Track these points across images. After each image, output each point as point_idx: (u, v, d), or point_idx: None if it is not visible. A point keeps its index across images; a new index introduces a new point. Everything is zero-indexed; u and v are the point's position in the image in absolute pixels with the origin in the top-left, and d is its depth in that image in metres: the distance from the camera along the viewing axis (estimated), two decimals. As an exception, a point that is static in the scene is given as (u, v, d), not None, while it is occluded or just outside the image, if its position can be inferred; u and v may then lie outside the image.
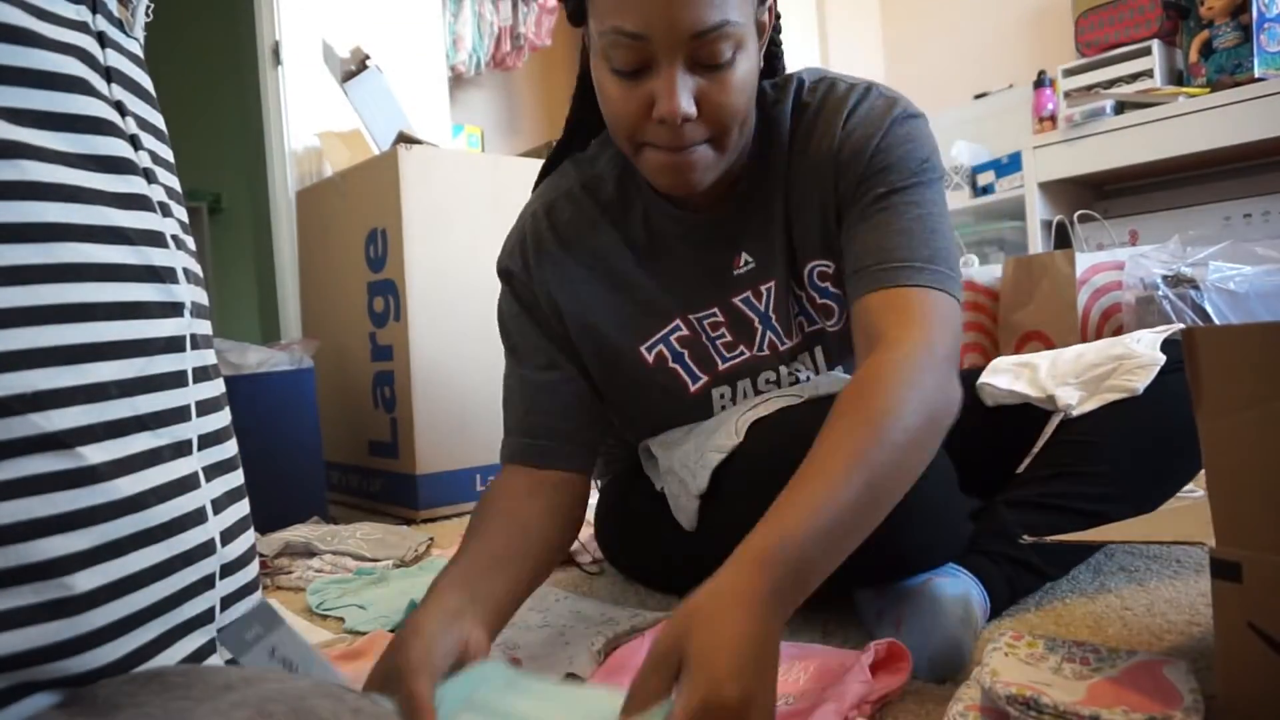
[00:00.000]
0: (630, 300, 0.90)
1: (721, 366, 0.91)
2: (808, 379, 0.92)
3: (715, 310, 0.90)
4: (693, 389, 0.91)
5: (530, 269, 0.90)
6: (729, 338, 0.90)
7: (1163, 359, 0.93)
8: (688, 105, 0.73)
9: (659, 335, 0.90)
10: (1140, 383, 0.92)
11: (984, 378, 1.03)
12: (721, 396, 0.92)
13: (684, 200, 0.88)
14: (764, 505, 0.60)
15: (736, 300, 0.90)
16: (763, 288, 0.89)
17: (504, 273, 0.93)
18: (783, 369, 0.92)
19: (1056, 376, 0.99)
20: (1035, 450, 0.95)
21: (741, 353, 0.91)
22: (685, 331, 0.90)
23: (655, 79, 0.73)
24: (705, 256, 0.89)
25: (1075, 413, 0.93)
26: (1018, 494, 0.91)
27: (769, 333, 0.90)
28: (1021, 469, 0.96)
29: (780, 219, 0.88)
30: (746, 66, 0.76)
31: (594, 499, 1.24)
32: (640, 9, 0.70)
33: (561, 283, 0.90)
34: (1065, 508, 0.87)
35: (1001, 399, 1.00)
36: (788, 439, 0.70)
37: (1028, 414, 0.98)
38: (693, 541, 0.89)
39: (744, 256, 0.89)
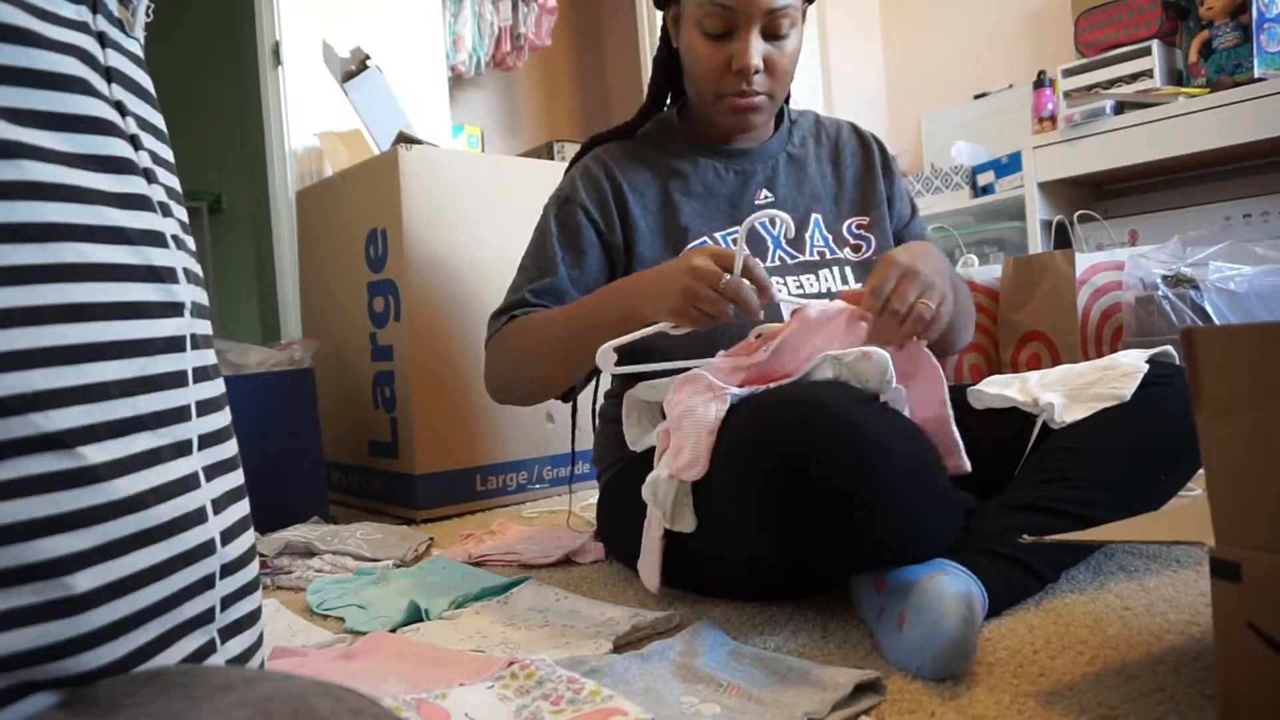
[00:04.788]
0: (668, 219, 1.11)
1: None
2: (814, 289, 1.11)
3: (736, 230, 1.08)
4: None
5: (587, 192, 1.11)
6: (746, 252, 1.04)
7: (1146, 366, 0.98)
8: (758, 61, 1.01)
9: (690, 245, 1.08)
10: (1126, 389, 0.94)
11: (977, 386, 1.07)
12: None
13: (723, 149, 1.14)
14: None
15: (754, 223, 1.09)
16: (776, 218, 1.03)
17: (561, 199, 1.13)
18: (789, 279, 1.10)
19: (1046, 386, 1.03)
20: (1026, 453, 0.98)
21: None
22: (710, 243, 1.08)
23: (735, 42, 1.01)
24: (733, 191, 1.13)
25: (1066, 420, 0.96)
26: (1012, 497, 0.92)
27: (778, 250, 1.11)
28: (1016, 474, 0.98)
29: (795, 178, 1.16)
30: (796, 43, 1.04)
31: (595, 497, 1.25)
32: None
33: (607, 202, 1.11)
34: (1057, 510, 0.88)
35: (989, 402, 1.04)
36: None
37: (1019, 421, 1.00)
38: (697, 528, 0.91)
39: (764, 192, 1.14)
